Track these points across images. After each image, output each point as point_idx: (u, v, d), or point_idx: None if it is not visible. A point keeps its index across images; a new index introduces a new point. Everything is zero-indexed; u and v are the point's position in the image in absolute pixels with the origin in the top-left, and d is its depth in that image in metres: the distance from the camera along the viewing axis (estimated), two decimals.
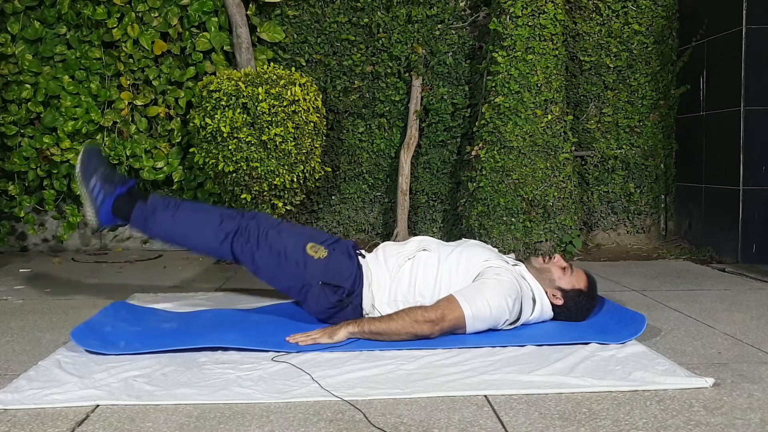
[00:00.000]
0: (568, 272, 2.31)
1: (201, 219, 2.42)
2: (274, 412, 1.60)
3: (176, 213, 2.42)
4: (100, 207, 2.42)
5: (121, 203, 2.44)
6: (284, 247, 2.33)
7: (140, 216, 2.43)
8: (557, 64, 3.93)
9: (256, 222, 2.41)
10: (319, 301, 2.31)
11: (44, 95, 4.16)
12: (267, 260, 2.34)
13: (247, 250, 2.35)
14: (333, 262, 2.32)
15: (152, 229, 2.44)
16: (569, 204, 3.90)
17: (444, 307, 2.11)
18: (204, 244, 2.42)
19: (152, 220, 2.42)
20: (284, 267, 2.32)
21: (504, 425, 1.52)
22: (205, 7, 4.14)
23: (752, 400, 1.67)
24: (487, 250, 2.36)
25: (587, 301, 2.33)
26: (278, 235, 2.37)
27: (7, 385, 1.76)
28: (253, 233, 2.37)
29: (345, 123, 4.39)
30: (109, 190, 2.43)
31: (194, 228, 2.41)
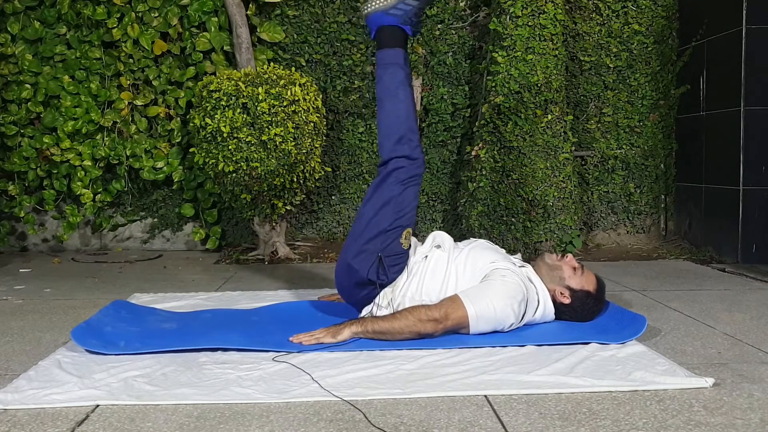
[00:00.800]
0: (579, 272, 2.31)
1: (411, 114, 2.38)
2: (274, 412, 1.60)
3: (404, 87, 2.37)
4: (386, 15, 2.36)
5: (392, 32, 2.39)
6: (404, 209, 2.32)
7: (388, 57, 2.37)
8: (557, 64, 3.93)
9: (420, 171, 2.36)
10: (362, 261, 2.28)
11: (44, 95, 4.16)
12: (389, 196, 2.31)
13: (395, 175, 2.31)
14: (401, 257, 2.32)
15: (383, 74, 2.39)
16: (569, 204, 3.90)
17: (448, 306, 2.12)
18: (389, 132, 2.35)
19: (391, 70, 2.37)
20: (385, 215, 2.29)
21: (504, 425, 1.52)
22: (205, 7, 4.14)
23: (752, 400, 1.67)
24: (494, 252, 2.35)
25: (594, 304, 2.33)
26: (414, 199, 2.35)
27: (7, 385, 1.76)
28: (412, 173, 2.33)
29: (345, 123, 4.39)
30: (404, 18, 2.38)
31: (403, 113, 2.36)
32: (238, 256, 4.04)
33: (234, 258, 4.02)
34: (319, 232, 4.48)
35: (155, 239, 4.53)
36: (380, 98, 2.42)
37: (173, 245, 4.54)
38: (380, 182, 2.34)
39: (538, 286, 2.29)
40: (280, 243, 4.06)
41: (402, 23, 2.38)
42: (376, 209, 2.31)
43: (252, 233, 4.30)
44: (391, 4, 2.36)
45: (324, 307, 2.60)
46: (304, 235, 4.49)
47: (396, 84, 2.38)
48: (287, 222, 4.25)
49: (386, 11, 2.37)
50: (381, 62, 2.41)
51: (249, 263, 3.96)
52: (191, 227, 4.51)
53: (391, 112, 2.37)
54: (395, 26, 2.38)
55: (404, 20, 2.38)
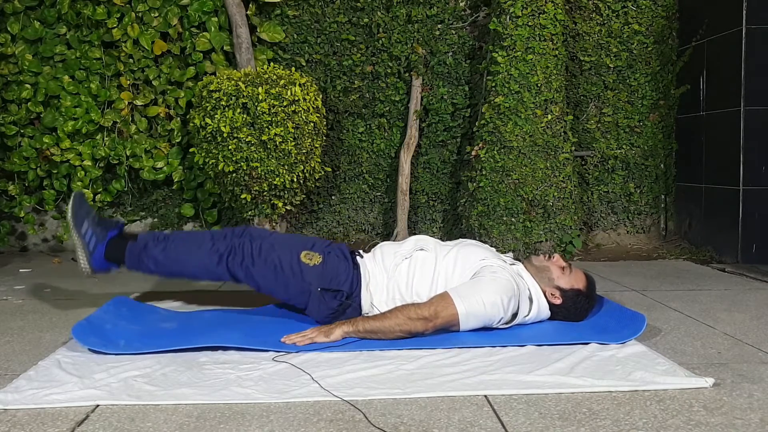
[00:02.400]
0: (567, 272, 2.31)
1: (193, 245, 2.40)
2: (274, 412, 1.60)
3: (167, 244, 2.40)
4: (93, 252, 2.41)
5: (113, 247, 2.43)
6: (279, 259, 2.32)
7: (133, 254, 2.41)
8: (557, 64, 3.93)
9: (249, 238, 2.39)
10: (321, 307, 2.31)
11: (44, 95, 4.16)
12: (264, 275, 2.33)
13: (244, 268, 2.34)
14: (329, 267, 2.32)
15: (147, 265, 2.41)
16: (569, 204, 3.90)
17: (437, 304, 2.12)
18: (200, 270, 2.39)
19: (145, 255, 2.39)
20: (282, 279, 2.31)
21: (504, 425, 1.52)
22: (205, 7, 4.14)
23: (752, 400, 1.67)
24: (484, 250, 2.36)
25: (585, 302, 2.33)
26: (272, 248, 2.35)
27: (7, 385, 1.76)
28: (247, 250, 2.35)
29: (345, 123, 4.39)
30: (101, 235, 2.43)
31: (187, 255, 2.38)
32: None
33: None
34: (319, 232, 4.48)
35: None
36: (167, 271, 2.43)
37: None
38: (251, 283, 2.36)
39: (529, 283, 2.29)
40: None
41: (105, 239, 2.43)
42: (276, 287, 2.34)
43: None
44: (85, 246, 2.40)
45: None
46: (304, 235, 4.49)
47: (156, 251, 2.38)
48: (287, 222, 4.25)
49: (92, 253, 2.41)
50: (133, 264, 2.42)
51: None
52: (191, 227, 4.51)
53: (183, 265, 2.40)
54: (106, 245, 2.43)
55: (101, 237, 2.43)
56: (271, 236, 2.43)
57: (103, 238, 2.43)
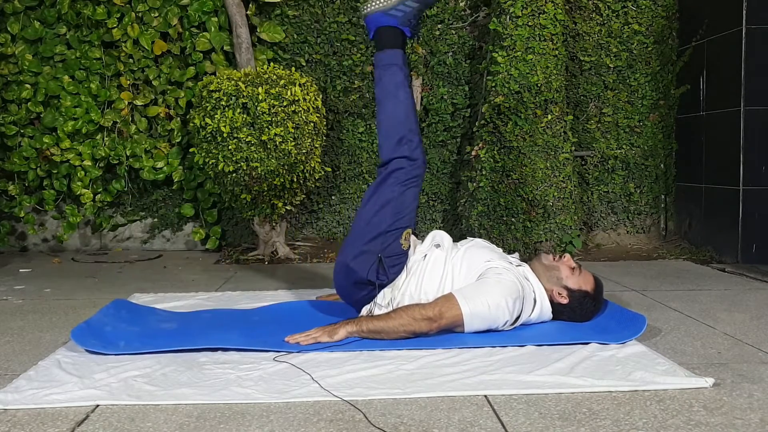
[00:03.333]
0: (577, 272, 2.31)
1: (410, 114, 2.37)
2: (274, 412, 1.60)
3: (403, 87, 2.37)
4: (386, 16, 2.37)
5: (392, 33, 2.39)
6: (404, 210, 2.31)
7: (388, 58, 2.37)
8: (557, 64, 3.93)
9: (421, 171, 2.36)
10: (362, 263, 2.28)
11: (44, 95, 4.16)
12: (389, 197, 2.31)
13: (396, 175, 2.31)
14: (401, 258, 2.31)
15: (382, 75, 2.39)
16: (569, 204, 3.90)
17: (442, 305, 2.12)
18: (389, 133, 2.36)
19: (390, 71, 2.37)
20: (385, 216, 2.29)
21: (504, 425, 1.52)
22: (205, 7, 4.14)
23: (752, 400, 1.67)
24: (491, 251, 2.36)
25: (592, 304, 2.33)
26: (413, 200, 2.34)
27: (7, 385, 1.76)
28: (413, 174, 2.33)
29: (345, 123, 4.39)
30: (403, 20, 2.39)
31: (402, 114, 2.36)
32: (238, 256, 4.04)
33: (234, 258, 4.02)
34: (319, 232, 4.48)
35: (155, 239, 4.53)
36: (380, 99, 2.42)
37: (173, 245, 4.54)
38: (380, 183, 2.34)
39: (534, 284, 2.29)
40: (280, 243, 4.06)
41: (401, 24, 2.39)
42: (376, 210, 2.31)
43: (252, 233, 4.30)
44: (392, 5, 2.36)
45: (323, 307, 2.60)
46: (304, 235, 4.49)
47: (396, 85, 2.38)
48: (287, 222, 4.25)
49: (386, 12, 2.37)
50: (380, 63, 2.41)
51: (249, 263, 3.96)
52: (191, 227, 4.51)
53: (392, 113, 2.38)
54: (394, 27, 2.38)
55: (403, 21, 2.39)
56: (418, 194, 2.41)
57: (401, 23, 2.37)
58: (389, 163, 2.34)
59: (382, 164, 2.37)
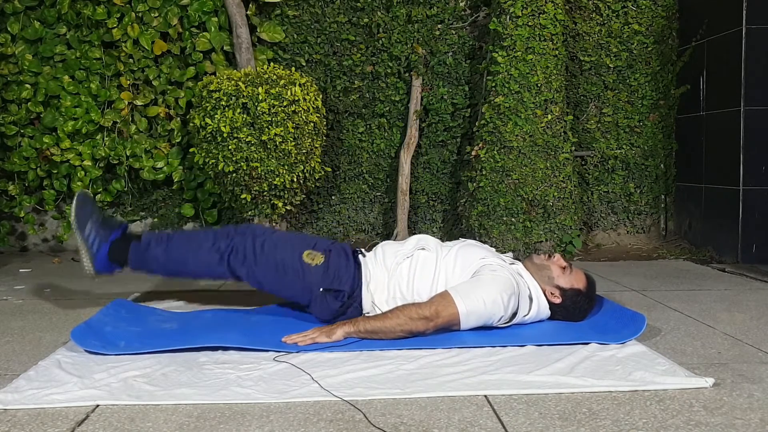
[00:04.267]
0: (568, 271, 2.31)
1: (194, 244, 2.39)
2: (274, 412, 1.60)
3: (169, 244, 2.40)
4: (96, 254, 2.41)
5: (116, 248, 2.43)
6: (282, 259, 2.32)
7: (137, 255, 2.41)
8: (557, 64, 3.93)
9: (251, 236, 2.37)
10: (323, 308, 2.32)
11: (44, 95, 4.16)
12: (266, 274, 2.33)
13: (246, 267, 2.34)
14: (330, 267, 2.32)
15: (150, 265, 2.42)
16: (569, 204, 3.90)
17: (438, 303, 2.12)
18: (202, 269, 2.39)
19: (148, 255, 2.40)
20: (284, 279, 2.32)
21: (504, 425, 1.52)
22: (205, 7, 4.14)
23: (752, 400, 1.67)
24: (484, 249, 2.36)
25: (585, 302, 2.33)
26: (274, 247, 2.35)
27: (7, 385, 1.76)
28: (249, 249, 2.34)
29: (345, 123, 4.39)
30: (104, 236, 2.42)
31: (189, 254, 2.38)
32: None
33: None
34: (319, 232, 4.48)
35: None
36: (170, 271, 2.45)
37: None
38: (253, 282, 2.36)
39: (529, 282, 2.29)
40: None
41: (107, 240, 2.43)
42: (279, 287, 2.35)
43: None
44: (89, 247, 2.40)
45: None
46: None
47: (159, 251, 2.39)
48: (287, 222, 4.25)
49: (95, 254, 2.41)
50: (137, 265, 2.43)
51: None
52: (191, 227, 4.51)
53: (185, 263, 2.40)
54: (110, 244, 2.42)
55: (103, 237, 2.42)
56: (273, 234, 2.43)
57: (107, 238, 2.43)
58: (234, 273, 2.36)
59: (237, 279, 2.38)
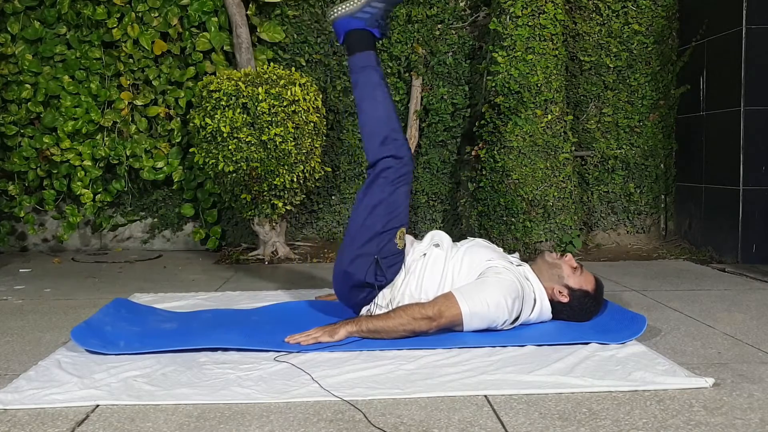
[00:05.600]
0: (578, 272, 2.31)
1: (391, 114, 2.36)
2: (274, 412, 1.60)
3: (380, 87, 2.37)
4: (353, 19, 2.37)
5: (361, 36, 2.39)
6: (396, 209, 2.30)
7: (361, 60, 2.37)
8: (557, 64, 3.93)
9: (409, 169, 2.34)
10: (359, 266, 2.27)
11: (44, 95, 4.16)
12: (380, 197, 2.29)
13: (385, 175, 2.30)
14: (397, 257, 2.31)
15: (358, 78, 2.39)
16: (569, 204, 3.90)
17: (441, 304, 2.12)
18: (372, 133, 2.35)
19: (365, 73, 2.37)
20: (378, 217, 2.28)
21: (504, 425, 1.52)
22: (205, 7, 4.14)
23: (752, 400, 1.67)
24: (491, 250, 2.36)
25: (592, 304, 2.33)
26: (404, 198, 2.33)
27: (7, 385, 1.76)
28: (402, 172, 2.31)
29: (345, 123, 4.39)
30: (371, 21, 2.38)
31: (382, 113, 2.34)
32: (238, 256, 4.04)
33: (234, 258, 4.02)
34: (319, 232, 4.48)
35: (155, 239, 4.53)
36: (359, 102, 2.42)
37: (173, 245, 4.54)
38: (370, 185, 2.34)
39: (534, 284, 2.29)
40: (280, 243, 4.06)
41: (369, 26, 2.39)
42: (368, 212, 2.30)
43: (252, 233, 4.30)
44: (358, 8, 2.37)
45: (323, 306, 2.60)
46: (304, 235, 4.49)
47: (372, 86, 2.38)
48: (287, 222, 4.25)
49: (353, 15, 2.37)
50: (354, 67, 2.41)
51: (249, 263, 3.96)
52: (191, 227, 4.51)
53: (372, 114, 2.38)
54: (363, 29, 2.38)
55: (371, 23, 2.39)
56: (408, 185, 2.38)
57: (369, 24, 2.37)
58: (376, 164, 2.33)
59: (370, 166, 2.36)
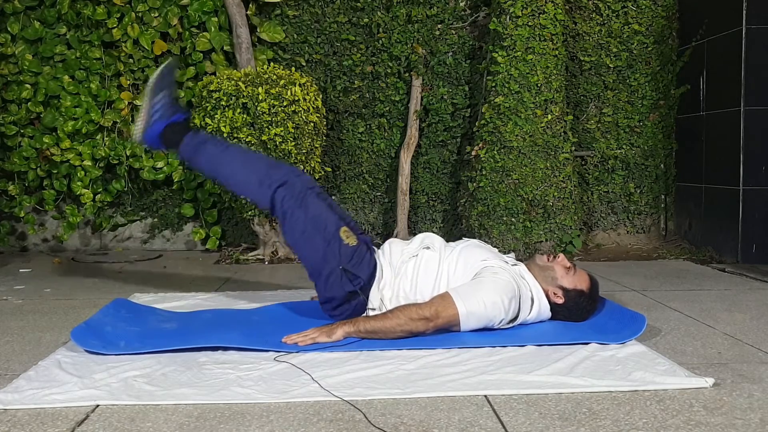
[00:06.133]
0: (572, 272, 2.31)
1: (250, 160, 2.41)
2: (274, 412, 1.60)
3: (227, 149, 2.41)
4: (152, 125, 2.40)
5: (171, 130, 2.42)
6: (322, 219, 2.29)
7: (191, 144, 2.40)
8: (557, 64, 3.93)
9: (302, 181, 2.35)
10: (333, 286, 2.28)
11: (44, 95, 4.16)
12: (301, 223, 2.29)
13: (288, 204, 2.29)
14: (358, 252, 2.30)
15: (200, 159, 2.41)
16: (569, 204, 3.90)
17: (438, 304, 2.12)
18: (247, 185, 2.37)
19: (203, 150, 2.40)
20: (315, 237, 2.28)
21: (504, 425, 1.52)
22: (205, 7, 4.14)
23: (752, 400, 1.67)
24: (486, 251, 2.36)
25: (588, 303, 2.33)
26: (320, 203, 2.33)
27: (7, 385, 1.76)
28: (298, 190, 2.30)
29: (345, 123, 4.39)
30: (167, 114, 2.42)
31: (242, 166, 2.36)
32: (238, 256, 4.04)
33: (234, 258, 4.02)
34: None
35: (155, 239, 4.53)
36: (216, 176, 2.45)
37: (173, 245, 4.54)
38: (284, 223, 2.33)
39: (531, 283, 2.29)
40: (281, 243, 4.06)
41: (169, 119, 2.41)
42: (305, 241, 2.30)
43: (252, 233, 4.30)
44: (148, 115, 2.40)
45: None
46: None
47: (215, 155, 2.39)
48: None
49: (150, 124, 2.41)
50: (188, 156, 2.43)
51: (249, 263, 3.96)
52: (191, 227, 4.51)
53: (234, 176, 2.39)
54: (168, 126, 2.41)
55: (168, 115, 2.41)
56: (321, 193, 2.40)
57: (168, 117, 2.41)
58: (273, 204, 2.33)
59: (270, 210, 2.36)
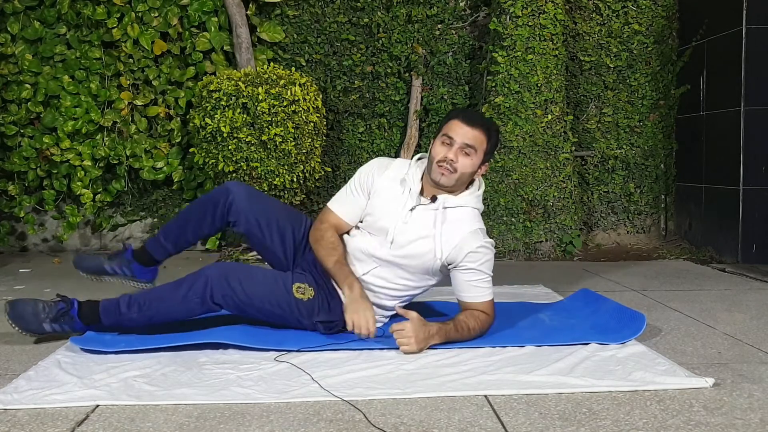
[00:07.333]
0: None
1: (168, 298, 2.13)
2: (274, 412, 1.60)
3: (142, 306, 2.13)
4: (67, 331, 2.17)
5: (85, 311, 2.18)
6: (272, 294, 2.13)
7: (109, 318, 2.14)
8: (557, 64, 3.93)
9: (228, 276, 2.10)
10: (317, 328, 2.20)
11: (44, 95, 4.16)
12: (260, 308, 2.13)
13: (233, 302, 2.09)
14: (321, 298, 2.19)
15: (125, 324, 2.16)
16: (569, 204, 3.90)
17: (490, 307, 2.17)
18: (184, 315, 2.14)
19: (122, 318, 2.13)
20: (275, 313, 2.15)
21: (504, 425, 1.52)
22: (205, 7, 4.14)
23: (752, 400, 1.67)
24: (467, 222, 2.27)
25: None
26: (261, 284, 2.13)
27: (7, 385, 1.76)
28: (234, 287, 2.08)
29: (345, 123, 4.39)
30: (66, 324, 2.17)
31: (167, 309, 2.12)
32: (238, 256, 4.04)
33: (234, 258, 4.02)
34: None
35: None
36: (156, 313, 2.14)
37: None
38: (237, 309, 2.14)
39: (475, 207, 2.24)
40: None
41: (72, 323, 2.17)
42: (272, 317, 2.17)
43: None
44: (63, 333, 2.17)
45: None
46: None
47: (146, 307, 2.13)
48: None
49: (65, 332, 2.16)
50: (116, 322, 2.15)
51: (249, 263, 3.95)
52: None
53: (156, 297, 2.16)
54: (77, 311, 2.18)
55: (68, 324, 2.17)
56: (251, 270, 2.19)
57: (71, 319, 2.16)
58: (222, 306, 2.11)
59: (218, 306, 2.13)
